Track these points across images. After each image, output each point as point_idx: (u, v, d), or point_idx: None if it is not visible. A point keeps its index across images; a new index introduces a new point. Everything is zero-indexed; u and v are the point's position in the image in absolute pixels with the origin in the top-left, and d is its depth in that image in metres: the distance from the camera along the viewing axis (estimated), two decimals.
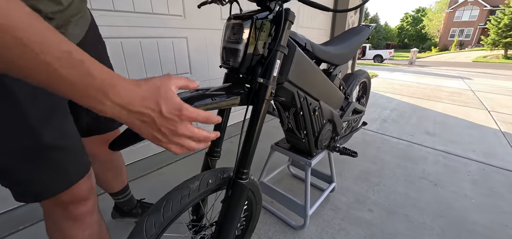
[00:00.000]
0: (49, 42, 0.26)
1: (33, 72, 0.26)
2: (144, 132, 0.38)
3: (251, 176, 0.78)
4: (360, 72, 1.44)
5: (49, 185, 0.51)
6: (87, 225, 0.62)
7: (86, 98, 0.31)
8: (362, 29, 1.23)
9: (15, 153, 0.45)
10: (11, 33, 0.24)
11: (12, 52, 0.25)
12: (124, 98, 0.33)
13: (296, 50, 0.69)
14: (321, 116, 0.98)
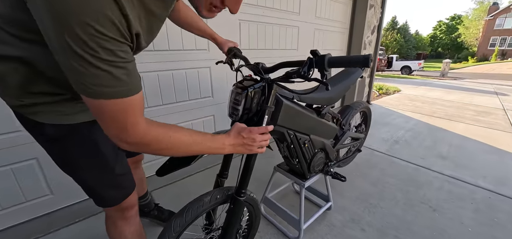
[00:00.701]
0: (198, 140, 0.67)
1: (190, 152, 0.67)
2: (242, 150, 0.79)
3: (251, 193, 1.02)
4: (356, 105, 1.61)
5: (117, 197, 0.81)
6: (133, 223, 0.91)
7: (213, 152, 0.72)
8: (354, 71, 1.43)
9: (101, 181, 0.76)
10: (195, 149, 0.63)
11: (187, 152, 0.64)
12: (228, 145, 0.74)
13: (283, 104, 0.93)
14: (312, 147, 1.19)
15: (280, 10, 2.58)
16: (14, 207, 1.41)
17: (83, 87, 0.47)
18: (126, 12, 0.45)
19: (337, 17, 3.42)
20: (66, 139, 0.69)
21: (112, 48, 0.45)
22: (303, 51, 3.02)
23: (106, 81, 0.46)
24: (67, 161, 0.74)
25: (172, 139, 0.60)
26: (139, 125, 0.55)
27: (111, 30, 0.44)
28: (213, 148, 0.71)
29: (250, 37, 2.39)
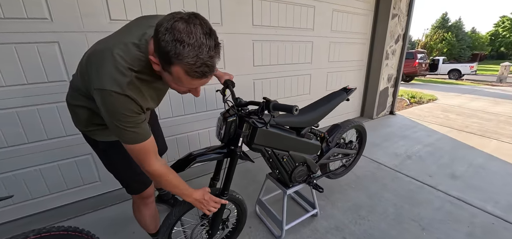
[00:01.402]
0: (181, 187, 0.95)
1: (176, 192, 0.96)
2: (198, 205, 1.06)
3: (237, 195, 1.30)
4: (345, 124, 1.76)
5: (139, 188, 1.17)
6: (150, 207, 1.27)
7: (186, 197, 1.01)
8: (337, 95, 1.59)
9: (128, 177, 1.13)
10: (176, 190, 0.94)
11: (173, 191, 0.94)
12: (193, 197, 1.03)
13: (258, 129, 1.17)
14: (292, 161, 1.41)
15: (293, 28, 2.79)
16: (75, 188, 1.94)
17: (120, 138, 0.85)
18: (139, 104, 0.83)
19: (356, 29, 3.47)
20: (109, 150, 1.07)
21: (132, 121, 0.82)
22: (317, 64, 3.17)
23: (129, 136, 0.84)
24: (110, 163, 1.13)
25: (168, 177, 0.95)
26: (152, 162, 0.90)
27: (133, 114, 0.81)
28: (185, 194, 1.02)
29: (263, 55, 2.65)
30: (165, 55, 0.70)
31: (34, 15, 1.55)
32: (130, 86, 0.78)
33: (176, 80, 0.77)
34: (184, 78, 0.74)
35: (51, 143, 1.77)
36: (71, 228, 1.04)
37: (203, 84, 0.82)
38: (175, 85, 0.82)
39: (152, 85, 0.87)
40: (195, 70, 0.72)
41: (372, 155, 2.77)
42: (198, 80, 0.76)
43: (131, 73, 0.79)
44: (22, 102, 1.63)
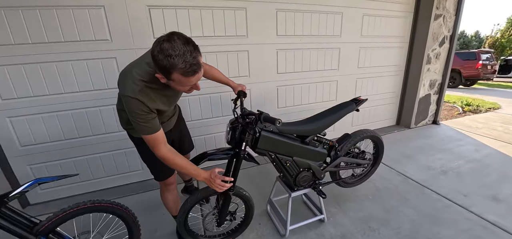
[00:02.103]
0: (190, 169, 1.18)
1: (185, 173, 1.20)
2: (207, 183, 1.27)
3: (245, 191, 1.49)
4: (357, 134, 1.77)
5: (163, 176, 1.46)
6: (172, 193, 1.56)
7: (195, 177, 1.23)
8: (346, 105, 1.63)
9: (154, 166, 1.42)
10: (184, 170, 1.18)
11: (183, 171, 1.18)
12: (202, 176, 1.24)
13: (261, 134, 1.33)
14: (296, 166, 1.52)
15: (318, 35, 2.84)
16: (124, 174, 2.40)
17: (136, 130, 1.13)
18: (148, 105, 1.08)
19: (392, 32, 3.29)
20: (141, 144, 1.37)
21: (145, 117, 1.08)
22: (345, 70, 3.13)
23: (142, 128, 1.11)
24: (142, 154, 1.44)
25: (174, 161, 1.18)
26: (161, 149, 1.15)
27: (143, 113, 1.08)
28: (194, 174, 1.23)
29: (286, 63, 2.78)
30: (164, 69, 0.95)
31: (100, 37, 2.01)
32: (141, 93, 1.06)
33: (179, 84, 1.02)
34: (183, 79, 0.98)
35: (108, 136, 2.24)
36: (115, 202, 1.37)
37: (198, 79, 1.05)
38: (180, 87, 1.06)
39: (161, 92, 1.15)
40: (188, 71, 0.95)
41: (400, 166, 2.63)
42: (193, 77, 0.99)
43: (142, 83, 1.07)
44: (89, 104, 2.11)
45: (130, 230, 1.44)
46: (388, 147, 3.06)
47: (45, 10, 1.85)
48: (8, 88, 1.89)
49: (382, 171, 2.56)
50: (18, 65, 1.88)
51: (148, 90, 1.09)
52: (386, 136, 3.47)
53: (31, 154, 2.07)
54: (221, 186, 1.25)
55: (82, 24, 1.95)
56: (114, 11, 2.01)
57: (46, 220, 1.18)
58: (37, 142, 2.06)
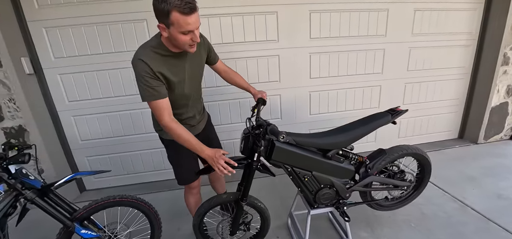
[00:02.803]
0: (192, 142, 1.20)
1: (188, 146, 1.21)
2: (210, 161, 1.19)
3: (260, 203, 1.44)
4: (394, 150, 1.51)
5: (185, 181, 1.53)
6: (195, 197, 1.61)
7: (198, 152, 1.21)
8: (381, 117, 1.40)
9: (179, 171, 1.50)
10: (187, 144, 1.19)
11: (185, 145, 1.20)
12: (205, 153, 1.20)
13: (275, 146, 1.26)
14: (315, 182, 1.40)
15: (358, 36, 2.58)
16: (159, 171, 2.62)
17: (142, 97, 1.16)
18: (151, 67, 1.10)
19: (454, 28, 2.77)
20: (168, 146, 1.47)
21: (148, 81, 1.11)
22: (390, 74, 2.78)
23: (146, 93, 1.13)
24: (169, 156, 1.53)
25: (177, 132, 1.18)
26: (164, 118, 1.17)
27: (147, 75, 1.10)
28: (197, 149, 1.19)
29: (320, 67, 2.61)
30: (162, 12, 1.00)
31: None
32: (146, 55, 1.11)
33: (178, 27, 1.02)
34: (180, 18, 1.00)
35: (147, 136, 2.48)
36: (140, 199, 1.50)
37: (196, 26, 1.06)
38: (181, 36, 1.06)
39: (168, 60, 1.18)
40: (184, 7, 0.98)
41: (458, 190, 2.17)
42: (190, 16, 1.00)
43: (149, 48, 1.15)
44: (133, 106, 2.38)
45: (152, 225, 1.55)
46: (445, 165, 2.59)
47: (101, 26, 2.16)
48: (73, 92, 2.27)
49: (432, 193, 2.16)
50: (80, 73, 2.24)
51: (153, 54, 1.13)
52: (443, 152, 2.93)
53: (88, 147, 2.44)
54: (222, 168, 1.15)
55: (128, 36, 2.21)
56: (154, 23, 2.20)
57: (82, 208, 1.36)
58: (93, 137, 2.42)
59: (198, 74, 1.38)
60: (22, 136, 2.09)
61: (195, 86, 1.37)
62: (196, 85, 1.39)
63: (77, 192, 2.49)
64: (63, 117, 2.33)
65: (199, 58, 1.35)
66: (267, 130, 1.09)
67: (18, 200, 1.23)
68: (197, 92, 1.43)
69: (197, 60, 1.33)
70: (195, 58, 1.30)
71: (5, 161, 1.20)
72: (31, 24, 2.08)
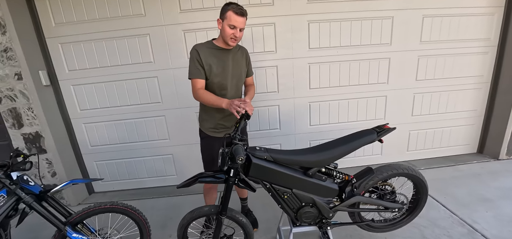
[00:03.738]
0: (213, 99, 1.47)
1: (212, 103, 1.48)
2: (228, 107, 1.36)
3: (242, 217, 1.45)
4: (383, 169, 1.43)
5: None
6: (212, 197, 1.73)
7: (219, 104, 1.44)
8: (366, 134, 1.34)
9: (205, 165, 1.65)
10: (210, 101, 1.49)
11: (209, 103, 1.49)
12: (224, 104, 1.40)
13: (252, 162, 1.27)
14: (296, 199, 1.37)
15: (360, 45, 2.50)
16: (161, 177, 2.73)
17: (189, 72, 1.54)
18: (199, 53, 1.49)
19: (469, 35, 2.57)
20: (204, 138, 1.68)
21: (194, 62, 1.50)
22: (397, 84, 2.65)
23: (191, 70, 1.53)
24: (201, 146, 1.71)
25: (204, 97, 1.49)
26: (196, 91, 1.51)
27: (194, 58, 1.50)
28: (218, 103, 1.43)
29: (320, 77, 2.56)
30: (223, 9, 1.44)
31: (145, 60, 2.38)
32: (198, 46, 1.53)
33: (228, 21, 1.41)
34: (232, 16, 1.39)
35: (150, 143, 2.60)
36: (130, 206, 1.57)
37: (242, 25, 1.44)
38: (228, 30, 1.42)
39: (213, 52, 1.53)
40: (236, 10, 1.39)
41: (468, 212, 2.00)
42: (239, 17, 1.40)
43: (202, 43, 1.57)
44: (137, 115, 2.52)
45: (141, 231, 1.62)
46: (457, 183, 2.40)
47: (108, 41, 2.33)
48: (84, 101, 2.47)
49: (438, 214, 2.01)
50: (91, 84, 2.42)
51: (203, 47, 1.53)
52: (457, 167, 2.71)
53: (97, 153, 2.62)
54: (237, 107, 1.31)
55: (133, 50, 2.35)
56: (156, 38, 2.34)
57: (75, 213, 1.46)
58: (101, 143, 2.59)
59: (238, 73, 1.65)
60: (39, 141, 2.31)
61: (234, 82, 1.63)
62: (235, 83, 1.64)
63: (86, 194, 2.68)
64: (75, 125, 2.53)
65: (241, 61, 1.66)
66: (232, 149, 1.10)
67: (19, 203, 1.36)
68: (235, 89, 1.67)
69: (238, 62, 1.64)
70: (237, 59, 1.63)
71: (8, 168, 1.34)
72: (49, 40, 2.31)
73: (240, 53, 1.66)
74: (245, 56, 1.71)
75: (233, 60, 1.60)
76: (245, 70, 1.71)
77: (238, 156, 1.06)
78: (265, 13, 2.33)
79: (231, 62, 1.59)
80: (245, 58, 1.70)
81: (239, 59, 1.65)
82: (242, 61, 1.67)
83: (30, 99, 2.21)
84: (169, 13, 2.29)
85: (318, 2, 2.35)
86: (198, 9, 2.30)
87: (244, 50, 1.71)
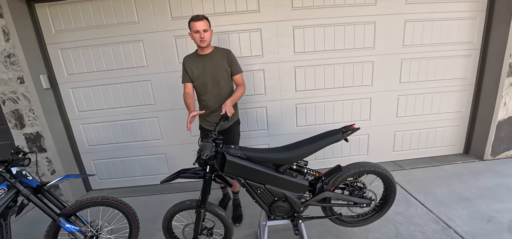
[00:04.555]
0: (187, 106, 1.77)
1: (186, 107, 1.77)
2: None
3: (221, 211, 1.57)
4: (351, 166, 1.53)
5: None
6: None
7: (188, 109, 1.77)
8: (331, 134, 1.44)
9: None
10: (186, 105, 1.78)
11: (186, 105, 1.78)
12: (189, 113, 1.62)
13: (226, 159, 1.38)
14: (269, 194, 1.48)
15: (344, 49, 2.60)
16: (154, 175, 2.86)
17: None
18: (185, 64, 1.84)
19: (452, 38, 2.65)
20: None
21: (183, 71, 1.85)
22: (381, 86, 2.74)
23: (183, 77, 1.87)
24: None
25: (185, 101, 1.80)
26: (184, 92, 1.84)
27: (183, 67, 1.85)
28: (188, 108, 1.75)
29: (306, 80, 2.67)
30: (189, 24, 1.71)
31: (139, 64, 2.52)
32: (186, 57, 1.86)
33: (191, 28, 1.68)
34: (192, 24, 1.67)
35: (144, 143, 2.74)
36: (120, 201, 1.70)
37: (202, 27, 1.67)
38: (193, 34, 1.69)
39: (194, 59, 1.83)
40: (194, 17, 1.67)
41: (445, 210, 2.07)
42: (196, 21, 1.66)
43: (189, 54, 1.87)
44: (131, 116, 2.66)
45: (130, 224, 1.75)
46: (439, 182, 2.48)
47: (104, 46, 2.48)
48: (82, 103, 2.62)
49: (415, 212, 2.09)
50: (88, 87, 2.58)
51: (189, 57, 1.86)
52: (442, 168, 2.77)
53: (94, 152, 2.77)
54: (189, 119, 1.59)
55: (127, 55, 2.50)
56: (149, 43, 2.48)
57: (69, 206, 1.60)
58: (98, 143, 2.74)
59: (218, 72, 1.82)
60: (39, 141, 2.46)
61: (214, 82, 1.83)
62: (216, 82, 1.83)
63: (84, 191, 2.83)
64: (74, 125, 2.68)
65: (220, 62, 1.82)
66: (220, 144, 1.22)
67: (18, 196, 1.50)
68: (217, 88, 1.85)
69: (218, 63, 1.82)
70: (216, 61, 1.81)
71: (9, 163, 1.48)
72: (49, 46, 2.47)
73: (220, 55, 1.84)
74: (227, 56, 1.85)
75: (212, 62, 1.81)
76: (226, 69, 1.86)
77: (203, 152, 1.17)
78: (251, 19, 2.45)
79: (210, 64, 1.81)
80: (227, 59, 1.84)
81: (219, 61, 1.82)
82: (223, 62, 1.83)
83: (31, 101, 2.37)
84: (161, 21, 2.43)
85: (302, 9, 2.46)
86: (188, 16, 2.40)
87: (226, 52, 1.86)
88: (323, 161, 2.90)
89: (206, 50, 1.81)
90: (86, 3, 2.38)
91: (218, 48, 1.88)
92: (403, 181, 2.55)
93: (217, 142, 1.42)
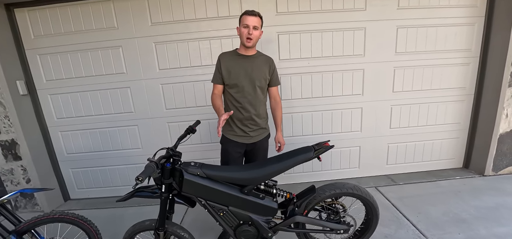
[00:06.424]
0: (217, 110, 1.69)
1: (215, 110, 1.70)
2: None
3: (183, 232, 1.43)
4: (327, 188, 1.38)
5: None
6: None
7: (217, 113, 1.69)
8: (303, 151, 1.30)
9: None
10: (215, 108, 1.70)
11: (214, 108, 1.70)
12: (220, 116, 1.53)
13: (184, 178, 1.26)
14: (233, 217, 1.34)
15: (332, 57, 2.47)
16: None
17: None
18: (221, 61, 1.66)
19: (449, 45, 2.49)
20: (223, 142, 1.78)
21: (216, 69, 1.69)
22: (372, 96, 2.59)
23: (214, 75, 1.71)
24: (221, 151, 1.81)
25: (213, 101, 1.69)
26: (212, 93, 1.70)
27: (217, 66, 1.68)
28: (217, 112, 1.67)
29: (292, 89, 2.53)
30: (239, 18, 1.61)
31: (118, 71, 2.44)
32: (222, 54, 1.69)
33: (242, 22, 1.56)
34: (244, 17, 1.54)
35: (123, 152, 2.65)
36: (80, 216, 1.59)
37: (254, 23, 1.53)
38: (242, 28, 1.56)
39: (233, 58, 1.65)
40: (248, 11, 1.55)
41: (438, 233, 1.89)
42: (250, 16, 1.53)
43: (226, 52, 1.71)
44: (110, 124, 2.57)
45: None
46: (434, 200, 2.30)
47: (83, 52, 2.41)
48: (60, 110, 2.55)
49: (406, 235, 1.91)
50: (66, 94, 2.50)
51: (226, 55, 1.68)
52: (438, 183, 2.58)
53: (73, 160, 2.69)
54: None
55: (106, 61, 2.42)
56: (128, 49, 2.40)
57: (23, 223, 1.50)
58: (76, 151, 2.66)
59: (257, 78, 1.65)
60: (14, 148, 2.39)
61: (252, 86, 1.64)
62: (253, 87, 1.65)
63: (61, 201, 2.74)
64: (52, 132, 2.61)
65: (262, 67, 1.68)
66: (177, 161, 1.10)
67: None
68: (254, 93, 1.66)
69: (260, 67, 1.66)
70: (258, 65, 1.66)
71: None
72: (28, 52, 2.42)
73: (264, 60, 1.70)
74: (270, 64, 1.71)
75: (253, 66, 1.63)
76: (266, 77, 1.70)
77: (139, 175, 1.05)
78: (233, 25, 2.34)
79: (251, 67, 1.63)
80: (269, 66, 1.71)
81: (261, 65, 1.67)
82: (264, 68, 1.68)
83: (6, 108, 2.30)
84: (141, 26, 2.35)
85: (287, 14, 2.34)
86: (168, 22, 2.35)
87: (269, 59, 1.73)
88: (310, 174, 2.74)
89: (250, 51, 1.64)
90: (65, 8, 2.32)
91: (261, 53, 1.73)
92: (394, 197, 2.37)
93: (175, 158, 1.30)
